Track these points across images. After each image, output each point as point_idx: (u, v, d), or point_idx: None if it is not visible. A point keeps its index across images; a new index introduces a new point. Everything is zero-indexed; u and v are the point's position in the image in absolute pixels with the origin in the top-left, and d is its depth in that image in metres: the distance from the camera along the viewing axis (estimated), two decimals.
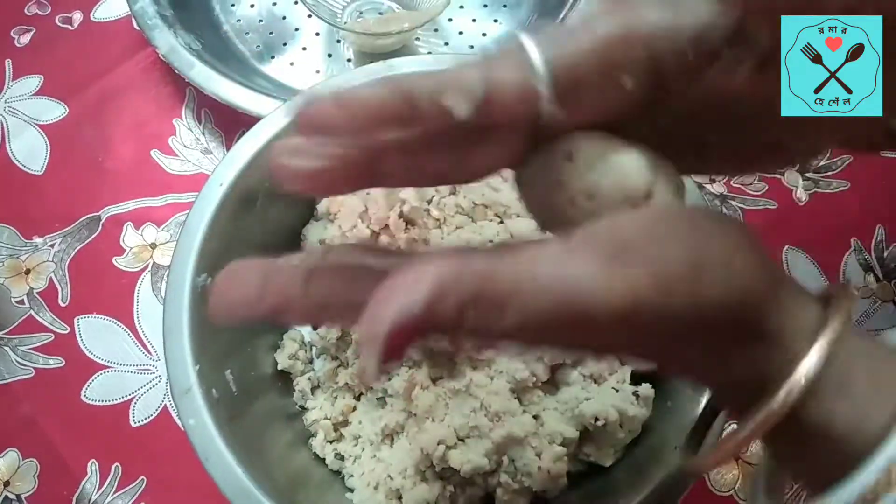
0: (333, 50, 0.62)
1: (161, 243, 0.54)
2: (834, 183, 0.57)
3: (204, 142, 0.58)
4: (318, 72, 0.61)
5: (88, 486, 0.47)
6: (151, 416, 0.49)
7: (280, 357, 0.46)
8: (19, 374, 0.50)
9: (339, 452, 0.44)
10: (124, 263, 0.54)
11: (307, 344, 0.48)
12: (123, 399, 0.49)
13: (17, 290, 0.53)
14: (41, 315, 0.52)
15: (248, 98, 0.53)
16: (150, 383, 0.50)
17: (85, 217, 0.55)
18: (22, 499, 0.47)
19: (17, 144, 0.58)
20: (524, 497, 0.41)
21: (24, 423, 0.49)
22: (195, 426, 0.38)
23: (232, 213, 0.43)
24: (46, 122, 0.59)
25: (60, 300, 0.52)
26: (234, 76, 0.55)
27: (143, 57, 0.61)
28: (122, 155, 0.58)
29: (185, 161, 0.57)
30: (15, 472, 0.48)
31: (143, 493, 0.47)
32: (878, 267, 0.54)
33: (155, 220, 0.55)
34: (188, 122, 0.59)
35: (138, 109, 0.59)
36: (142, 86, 0.60)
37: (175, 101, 0.60)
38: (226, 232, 0.43)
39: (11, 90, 0.60)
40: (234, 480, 0.37)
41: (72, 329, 0.51)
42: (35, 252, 0.54)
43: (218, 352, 0.41)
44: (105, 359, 0.51)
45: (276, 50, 0.62)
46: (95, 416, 0.49)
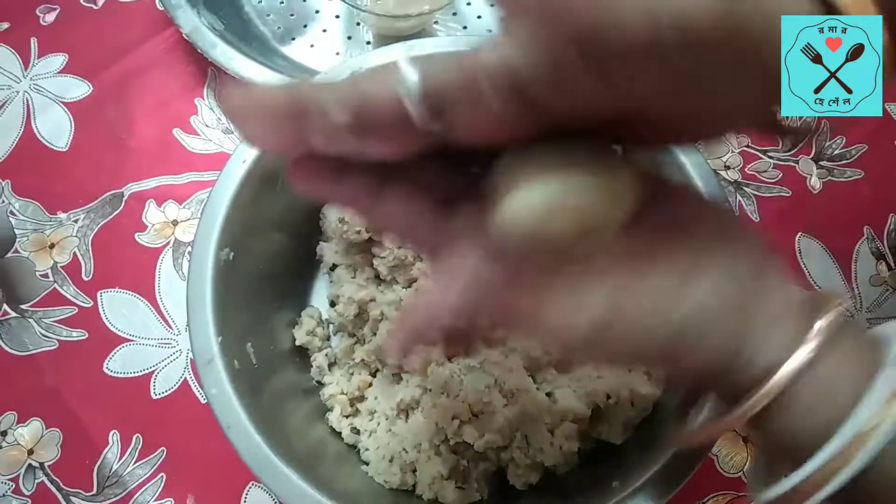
0: (353, 32, 0.63)
1: (182, 220, 0.55)
2: (848, 171, 0.57)
3: (225, 121, 0.59)
4: (337, 53, 0.62)
5: (110, 456, 0.48)
6: (172, 389, 0.50)
7: (298, 333, 0.47)
8: (43, 346, 0.51)
9: (355, 427, 0.45)
10: (146, 239, 0.55)
11: (325, 321, 0.49)
12: (145, 372, 0.51)
13: (42, 264, 0.54)
14: (65, 288, 0.53)
15: (269, 78, 0.54)
16: (170, 357, 0.51)
17: (108, 193, 0.56)
18: (45, 467, 0.48)
19: (42, 122, 0.59)
20: (535, 472, 0.42)
21: (48, 393, 0.50)
22: (217, 395, 0.39)
23: (254, 190, 0.44)
24: (71, 99, 0.60)
25: (84, 274, 0.53)
26: (256, 57, 0.56)
27: (166, 36, 0.62)
28: (144, 133, 0.58)
29: (207, 140, 0.58)
30: (38, 440, 0.49)
31: (163, 464, 0.48)
32: (890, 255, 0.54)
33: (176, 198, 0.56)
34: (210, 102, 0.60)
35: (161, 88, 0.60)
36: (164, 65, 0.61)
37: (197, 81, 0.60)
38: (248, 208, 0.44)
39: (37, 68, 0.61)
40: (255, 449, 0.38)
41: (94, 303, 0.53)
42: (59, 227, 0.55)
43: (240, 325, 0.42)
44: (127, 332, 0.52)
45: (297, 32, 0.63)
46: (117, 388, 0.50)
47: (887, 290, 0.53)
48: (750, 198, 0.56)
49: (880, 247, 0.55)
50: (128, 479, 0.48)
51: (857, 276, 0.54)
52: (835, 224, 0.56)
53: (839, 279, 0.54)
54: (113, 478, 0.48)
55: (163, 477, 0.48)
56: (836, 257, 0.54)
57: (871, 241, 0.55)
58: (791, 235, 0.55)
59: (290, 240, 0.49)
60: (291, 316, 0.49)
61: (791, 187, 0.57)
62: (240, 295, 0.43)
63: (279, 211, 0.47)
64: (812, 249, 0.55)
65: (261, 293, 0.46)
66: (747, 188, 0.57)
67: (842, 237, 0.55)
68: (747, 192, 0.57)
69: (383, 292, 0.47)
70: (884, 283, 0.54)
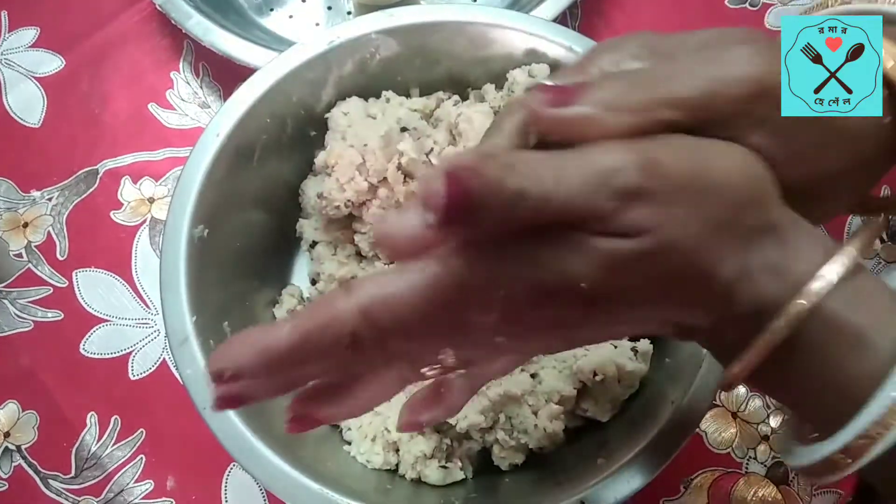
0: (333, 2, 0.61)
1: (159, 197, 0.54)
2: None
3: (202, 95, 0.57)
4: (317, 24, 0.60)
5: (88, 438, 0.47)
6: (150, 370, 0.49)
7: (279, 312, 0.46)
8: (18, 327, 0.50)
9: None
10: (122, 218, 0.53)
11: (306, 300, 0.48)
12: (122, 352, 0.50)
13: (16, 244, 0.53)
14: (39, 268, 0.52)
15: (246, 50, 0.52)
16: (148, 337, 0.50)
17: (82, 171, 0.55)
18: (22, 450, 0.47)
19: (14, 97, 0.57)
20: (521, 452, 0.41)
21: (24, 375, 0.49)
22: (192, 376, 0.38)
23: (229, 166, 0.43)
24: (43, 74, 0.58)
25: (58, 254, 0.52)
26: (233, 28, 0.54)
27: (140, 8, 0.60)
28: (119, 108, 0.57)
29: (183, 115, 0.57)
30: (15, 423, 0.48)
31: (142, 445, 0.47)
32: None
33: (153, 175, 0.54)
34: (186, 76, 0.58)
35: (135, 62, 0.58)
36: (139, 38, 0.59)
37: (172, 54, 0.59)
38: (223, 184, 0.42)
39: (8, 42, 0.59)
40: (233, 431, 0.37)
41: (70, 282, 0.51)
42: (33, 205, 0.54)
43: (216, 305, 0.41)
44: (104, 312, 0.51)
45: (275, 2, 0.61)
46: (94, 369, 0.49)
47: (880, 263, 0.52)
48: None
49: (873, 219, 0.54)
50: (107, 461, 0.47)
51: None
52: None
53: None
54: (91, 460, 0.47)
55: (142, 458, 0.47)
56: (829, 229, 0.53)
57: None
58: None
59: (269, 216, 0.47)
60: (272, 294, 0.47)
61: None
62: (216, 273, 0.42)
63: (256, 187, 0.46)
64: None
65: (238, 271, 0.44)
66: None
67: None
68: None
69: (365, 269, 0.46)
70: (876, 256, 0.53)
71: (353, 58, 0.46)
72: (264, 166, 0.46)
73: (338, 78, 0.46)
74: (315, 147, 0.47)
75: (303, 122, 0.47)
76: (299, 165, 0.48)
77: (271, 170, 0.46)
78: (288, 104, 0.45)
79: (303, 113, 0.46)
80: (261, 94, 0.43)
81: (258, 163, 0.45)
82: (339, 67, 0.46)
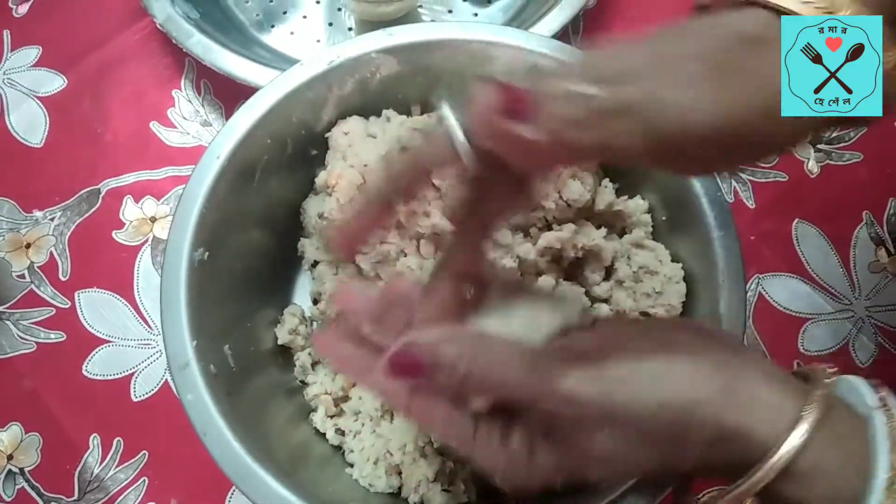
0: (334, 18, 0.61)
1: (161, 217, 0.54)
2: (846, 155, 0.56)
3: (203, 113, 0.57)
4: (318, 41, 0.60)
5: (91, 460, 0.47)
6: (153, 391, 0.49)
7: (280, 332, 0.46)
8: (21, 349, 0.50)
9: (340, 427, 0.44)
10: (124, 237, 0.53)
11: (308, 319, 0.48)
12: (125, 374, 0.49)
13: (18, 265, 0.52)
14: (42, 289, 0.52)
15: (247, 68, 0.52)
16: (150, 358, 0.50)
17: (84, 190, 0.55)
18: (25, 472, 0.47)
19: (17, 117, 0.57)
20: None
21: (27, 397, 0.49)
22: (193, 401, 0.37)
23: (229, 187, 0.42)
24: (45, 93, 0.58)
25: (61, 274, 0.52)
26: (234, 46, 0.54)
27: (141, 27, 0.60)
28: (121, 127, 0.57)
29: (185, 133, 0.57)
30: (18, 445, 0.48)
31: (145, 467, 0.47)
32: (890, 241, 0.53)
33: (155, 194, 0.54)
34: (187, 94, 0.58)
35: (137, 80, 0.58)
36: (140, 56, 0.59)
37: (174, 72, 0.59)
38: (223, 205, 0.42)
39: (10, 61, 0.59)
40: (232, 455, 0.36)
41: (72, 303, 0.51)
42: (35, 226, 0.54)
43: (216, 327, 0.41)
44: (106, 333, 0.50)
45: (276, 19, 0.61)
46: (97, 391, 0.49)
47: (887, 277, 0.52)
48: (745, 183, 0.55)
49: (880, 232, 0.53)
50: (109, 483, 0.47)
51: (855, 262, 0.52)
52: (833, 209, 0.54)
53: (837, 266, 0.52)
54: (94, 482, 0.47)
55: (145, 481, 0.47)
56: (834, 244, 0.53)
57: (870, 226, 0.53)
58: (788, 222, 0.53)
59: (270, 236, 0.47)
60: (273, 314, 0.47)
61: (788, 172, 0.55)
62: (217, 295, 0.42)
63: (258, 207, 0.45)
64: (809, 236, 0.53)
65: (240, 292, 0.44)
66: (742, 173, 0.55)
67: (840, 223, 0.54)
68: (742, 177, 0.55)
69: None
70: (883, 270, 0.52)
71: (353, 77, 0.46)
72: (265, 186, 0.45)
73: (338, 97, 0.46)
74: (316, 166, 0.47)
75: (303, 141, 0.46)
76: (300, 184, 0.48)
77: (272, 190, 0.46)
78: (288, 124, 0.45)
79: (303, 133, 0.46)
80: (261, 115, 0.43)
81: (259, 183, 0.45)
82: (340, 87, 0.46)
